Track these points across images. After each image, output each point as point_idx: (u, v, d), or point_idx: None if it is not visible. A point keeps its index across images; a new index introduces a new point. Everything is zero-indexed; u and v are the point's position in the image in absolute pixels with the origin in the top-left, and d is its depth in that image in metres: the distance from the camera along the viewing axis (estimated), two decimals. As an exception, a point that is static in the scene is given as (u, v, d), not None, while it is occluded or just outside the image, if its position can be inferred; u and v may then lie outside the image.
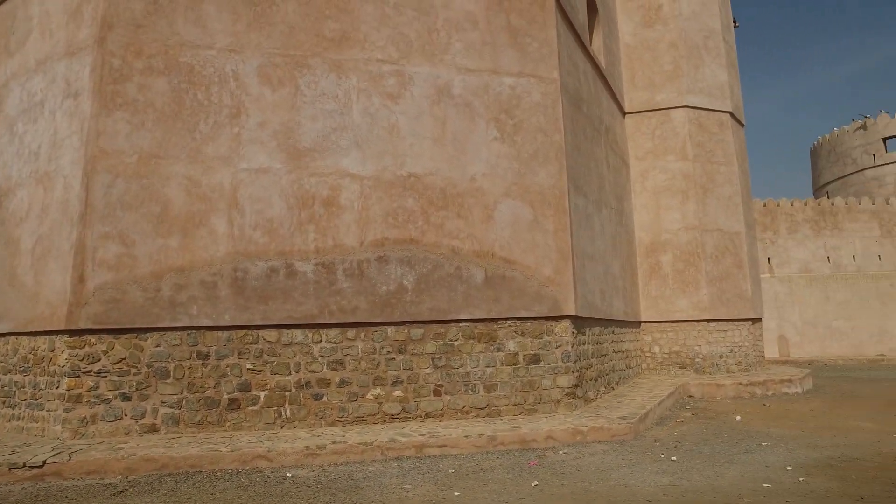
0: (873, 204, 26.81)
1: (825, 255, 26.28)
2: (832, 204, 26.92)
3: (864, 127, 28.57)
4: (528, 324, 7.83)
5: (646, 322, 13.44)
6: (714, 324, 13.28)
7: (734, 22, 16.39)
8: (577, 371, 8.19)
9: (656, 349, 13.45)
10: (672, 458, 6.00)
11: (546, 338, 7.88)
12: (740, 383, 11.80)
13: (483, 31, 8.30)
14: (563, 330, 7.98)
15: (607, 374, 10.05)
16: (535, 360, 7.79)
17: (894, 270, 25.89)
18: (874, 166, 28.30)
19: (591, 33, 11.97)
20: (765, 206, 27.00)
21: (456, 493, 4.81)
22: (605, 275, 10.25)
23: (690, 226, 13.43)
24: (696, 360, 13.12)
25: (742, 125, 15.33)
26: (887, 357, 23.15)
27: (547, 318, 7.92)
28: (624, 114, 13.85)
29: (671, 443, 6.89)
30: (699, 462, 5.88)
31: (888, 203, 26.81)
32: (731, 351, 13.38)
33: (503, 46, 8.36)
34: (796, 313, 25.72)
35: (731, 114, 14.43)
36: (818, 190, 32.67)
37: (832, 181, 30.88)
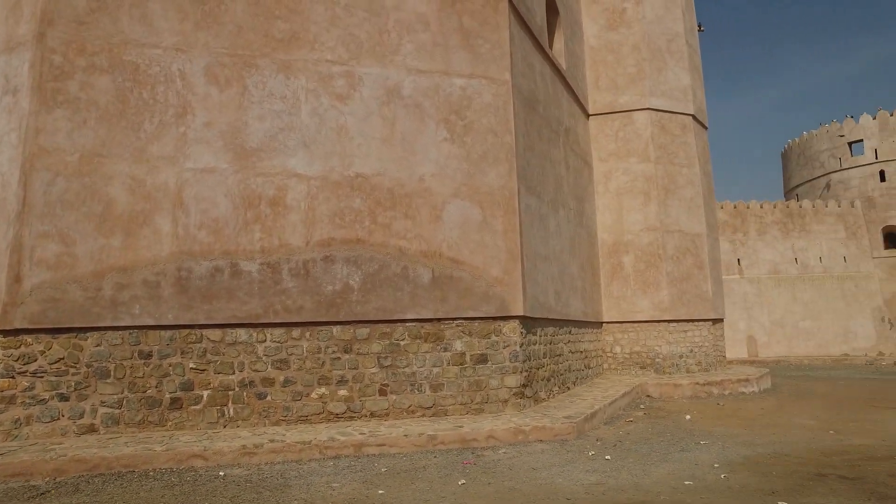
0: (839, 206, 27.33)
1: (793, 257, 26.74)
2: (800, 206, 27.40)
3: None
4: (476, 324, 7.89)
5: (608, 322, 13.56)
6: (674, 324, 13.44)
7: (699, 26, 16.61)
8: (527, 371, 8.25)
9: (618, 349, 13.59)
10: (606, 457, 6.08)
11: (494, 338, 7.94)
12: (697, 383, 11.96)
13: (434, 32, 8.34)
14: (512, 330, 8.04)
15: (562, 374, 10.14)
16: (483, 359, 7.85)
17: (858, 272, 26.41)
18: (840, 170, 28.84)
19: (551, 36, 12.06)
20: (735, 207, 27.39)
21: (380, 492, 4.85)
22: (560, 275, 10.33)
23: (652, 227, 13.58)
24: (657, 360, 13.27)
25: (705, 128, 15.54)
26: (851, 356, 23.61)
27: (495, 319, 7.97)
28: (587, 115, 13.97)
29: (612, 442, 6.98)
30: (632, 461, 5.96)
31: (853, 206, 27.36)
32: (691, 351, 13.56)
33: (455, 48, 8.41)
34: (765, 314, 26.14)
35: (694, 116, 14.62)
36: (789, 192, 33.23)
37: (801, 184, 31.44)
